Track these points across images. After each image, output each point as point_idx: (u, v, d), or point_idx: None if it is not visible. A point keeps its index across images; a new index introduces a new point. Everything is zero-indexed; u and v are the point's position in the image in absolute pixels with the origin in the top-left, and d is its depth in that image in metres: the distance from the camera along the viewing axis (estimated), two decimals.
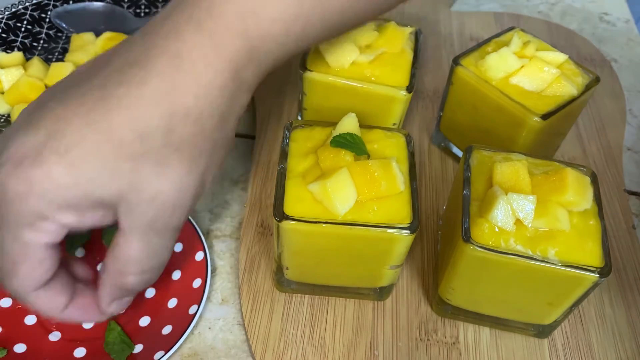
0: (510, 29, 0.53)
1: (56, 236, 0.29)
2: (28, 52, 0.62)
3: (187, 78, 0.29)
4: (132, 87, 0.28)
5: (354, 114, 0.41)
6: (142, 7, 0.67)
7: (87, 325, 0.43)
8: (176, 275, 0.45)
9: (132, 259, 0.31)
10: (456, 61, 0.50)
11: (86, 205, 0.28)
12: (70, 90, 0.29)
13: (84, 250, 0.47)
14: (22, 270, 0.30)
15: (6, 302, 0.43)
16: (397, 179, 0.38)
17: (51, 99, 0.30)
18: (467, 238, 0.37)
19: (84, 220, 0.29)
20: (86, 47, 0.61)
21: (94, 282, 0.35)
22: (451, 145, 0.56)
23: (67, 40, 0.64)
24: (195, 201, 0.31)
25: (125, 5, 0.67)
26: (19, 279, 0.30)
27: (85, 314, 0.34)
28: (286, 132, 0.42)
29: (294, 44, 0.33)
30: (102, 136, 0.27)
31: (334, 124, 0.41)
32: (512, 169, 0.40)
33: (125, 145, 0.28)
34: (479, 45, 0.51)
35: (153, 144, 0.28)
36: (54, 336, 0.42)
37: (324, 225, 0.37)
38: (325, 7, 0.33)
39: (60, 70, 0.57)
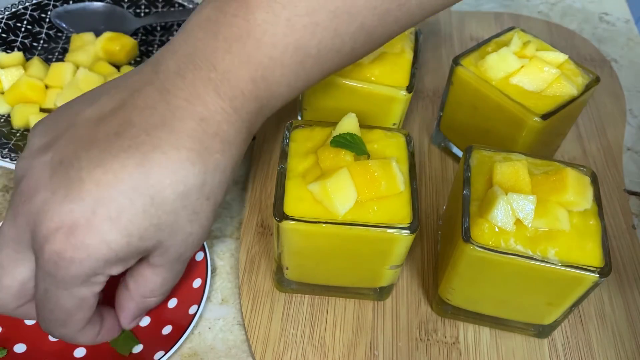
0: (510, 29, 0.53)
1: (104, 284, 0.32)
2: (28, 52, 0.62)
3: (215, 139, 0.32)
4: (168, 151, 0.30)
5: (354, 114, 0.41)
6: (142, 7, 0.67)
7: None
8: None
9: (158, 286, 0.35)
10: (456, 61, 0.50)
11: (132, 257, 0.32)
12: (96, 151, 0.30)
13: None
14: (75, 318, 0.33)
15: None
16: (397, 179, 0.38)
17: (76, 158, 0.30)
18: (467, 238, 0.37)
19: (127, 267, 0.32)
20: (86, 47, 0.61)
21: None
22: (451, 145, 0.56)
23: (67, 40, 0.64)
24: None
25: (125, 5, 0.67)
26: (72, 325, 0.33)
27: (113, 332, 0.37)
28: (286, 132, 0.42)
29: (295, 95, 0.37)
30: (148, 199, 0.30)
31: (334, 124, 0.41)
32: (512, 169, 0.40)
33: (168, 204, 0.31)
34: (479, 45, 0.51)
35: (191, 199, 0.32)
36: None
37: (324, 225, 0.37)
38: (323, 66, 0.36)
39: (60, 70, 0.57)
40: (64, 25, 0.65)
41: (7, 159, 0.50)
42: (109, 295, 0.38)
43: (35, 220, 0.30)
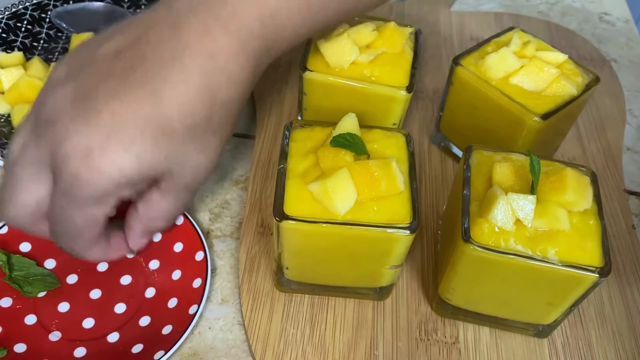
0: (510, 29, 0.53)
1: (114, 206, 0.35)
2: (28, 52, 0.62)
3: (222, 75, 0.34)
4: (178, 84, 0.33)
5: (354, 114, 0.41)
6: (142, 7, 0.67)
7: (87, 325, 0.43)
8: (176, 275, 0.45)
9: (164, 210, 0.37)
10: (456, 61, 0.50)
11: (142, 181, 0.34)
12: (114, 84, 0.33)
13: None
14: (86, 235, 0.36)
15: (6, 302, 0.43)
16: (397, 179, 0.38)
17: (95, 90, 0.33)
18: (467, 238, 0.37)
19: (136, 191, 0.35)
20: None
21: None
22: (451, 145, 0.56)
23: (67, 40, 0.64)
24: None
25: (125, 5, 0.67)
26: (82, 241, 0.36)
27: (120, 251, 0.39)
28: (286, 132, 0.42)
29: (299, 40, 0.39)
30: (158, 130, 0.32)
31: (334, 124, 0.41)
32: (512, 169, 0.40)
33: (177, 134, 0.33)
34: (479, 45, 0.51)
35: (198, 131, 0.34)
36: (54, 336, 0.42)
37: (324, 225, 0.37)
38: (327, 12, 0.39)
39: None
40: (64, 25, 0.65)
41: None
42: None
43: (56, 144, 0.32)
